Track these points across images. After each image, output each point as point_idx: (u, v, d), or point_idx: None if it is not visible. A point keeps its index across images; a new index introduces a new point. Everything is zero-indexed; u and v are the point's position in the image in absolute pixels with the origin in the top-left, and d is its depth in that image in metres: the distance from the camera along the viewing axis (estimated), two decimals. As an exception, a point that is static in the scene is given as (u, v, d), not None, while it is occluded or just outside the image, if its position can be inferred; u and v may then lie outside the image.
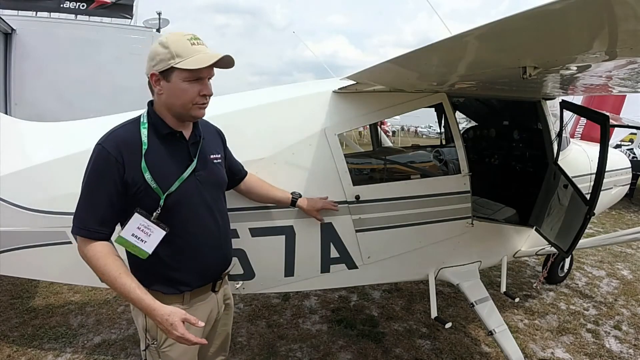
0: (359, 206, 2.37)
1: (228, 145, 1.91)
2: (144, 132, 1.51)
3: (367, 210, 2.39)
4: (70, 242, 2.18)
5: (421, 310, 3.88)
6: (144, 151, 1.48)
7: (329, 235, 2.37)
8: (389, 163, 3.07)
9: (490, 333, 2.61)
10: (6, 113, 4.46)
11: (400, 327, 3.59)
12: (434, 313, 2.64)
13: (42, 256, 2.22)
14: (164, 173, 1.51)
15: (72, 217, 2.12)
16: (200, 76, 1.47)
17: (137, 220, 1.49)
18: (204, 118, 1.62)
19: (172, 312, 1.43)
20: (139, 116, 1.56)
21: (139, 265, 1.54)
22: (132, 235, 1.49)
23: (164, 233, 1.51)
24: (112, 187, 1.45)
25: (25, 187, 2.17)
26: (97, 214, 1.46)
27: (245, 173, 2.05)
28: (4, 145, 2.24)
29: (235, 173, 1.98)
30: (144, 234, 1.50)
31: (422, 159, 3.15)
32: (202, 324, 1.50)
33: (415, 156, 3.18)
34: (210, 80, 1.53)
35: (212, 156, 1.69)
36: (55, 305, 3.73)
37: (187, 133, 1.60)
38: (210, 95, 1.53)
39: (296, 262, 2.37)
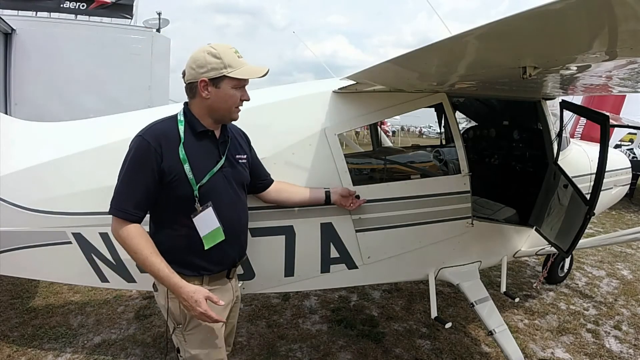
0: (360, 206, 2.37)
1: None
2: (181, 128, 1.68)
3: (367, 210, 2.39)
4: (70, 242, 2.18)
5: (421, 310, 3.88)
6: (181, 144, 1.66)
7: (329, 235, 2.37)
8: (389, 163, 3.07)
9: (490, 333, 2.61)
10: (6, 113, 4.46)
11: (400, 327, 3.59)
12: (434, 313, 2.64)
13: (42, 256, 2.22)
14: (197, 166, 1.67)
15: (72, 217, 2.13)
16: (243, 84, 1.70)
17: (196, 222, 1.67)
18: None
19: (196, 290, 1.61)
20: (176, 114, 1.73)
21: (164, 250, 1.65)
22: (202, 232, 1.69)
23: (210, 208, 1.69)
24: (149, 174, 1.60)
25: (25, 187, 2.17)
26: (135, 198, 1.62)
27: (272, 181, 2.11)
28: (3, 145, 2.24)
29: (259, 177, 2.05)
30: (204, 223, 1.69)
31: (422, 159, 3.15)
32: (222, 302, 1.69)
33: (415, 156, 3.18)
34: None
35: (238, 156, 1.86)
36: (55, 305, 3.73)
37: (217, 133, 1.78)
38: (248, 100, 1.74)
39: (296, 262, 2.37)
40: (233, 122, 1.84)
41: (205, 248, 1.69)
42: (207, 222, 1.69)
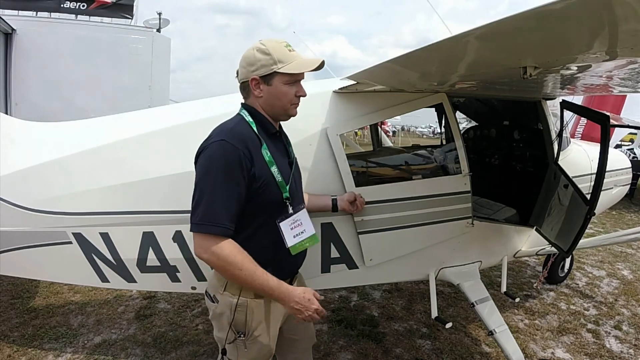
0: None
1: None
2: (255, 130, 1.59)
3: (370, 211, 2.38)
4: (70, 242, 2.18)
5: (421, 310, 3.88)
6: (263, 146, 1.58)
7: (329, 235, 2.37)
8: (390, 163, 3.07)
9: (491, 333, 2.61)
10: (6, 113, 4.46)
11: (400, 327, 3.59)
12: (434, 313, 2.64)
13: (42, 256, 2.22)
14: (280, 169, 1.62)
15: (72, 217, 2.12)
16: (297, 79, 1.61)
17: (285, 227, 1.63)
18: None
19: (305, 290, 1.59)
20: (239, 116, 1.63)
21: (260, 258, 1.59)
22: (294, 237, 1.65)
23: (304, 209, 1.69)
24: (242, 182, 1.49)
25: (26, 187, 2.17)
26: (230, 209, 1.47)
27: None
28: (4, 145, 2.24)
29: None
30: (298, 227, 1.66)
31: (423, 159, 3.14)
32: (322, 297, 1.66)
33: (416, 156, 3.18)
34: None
35: (293, 156, 1.81)
36: (55, 305, 3.73)
37: (277, 126, 1.73)
38: (305, 95, 1.64)
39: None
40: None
41: (293, 253, 1.65)
42: (298, 226, 1.64)
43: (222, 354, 1.70)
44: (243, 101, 1.69)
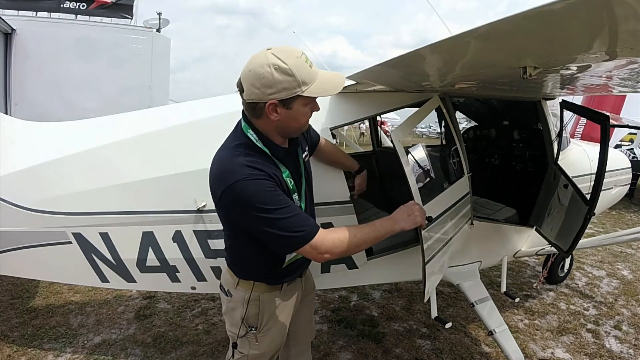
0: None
1: None
2: (270, 153, 1.51)
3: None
4: (70, 242, 2.19)
5: (421, 310, 3.88)
6: (285, 173, 1.55)
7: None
8: (390, 163, 3.07)
9: (491, 333, 2.61)
10: (6, 113, 4.46)
11: (400, 327, 3.59)
12: (434, 313, 2.64)
13: (43, 256, 2.22)
14: (299, 192, 1.63)
15: (72, 217, 2.12)
16: (315, 98, 1.49)
17: None
18: None
19: (401, 209, 1.65)
20: (244, 141, 1.49)
21: (245, 264, 1.69)
22: (291, 254, 1.66)
23: None
24: (285, 196, 1.47)
25: (26, 187, 2.17)
26: (301, 212, 1.50)
27: (319, 137, 2.07)
28: (3, 145, 2.24)
29: (315, 144, 2.03)
30: None
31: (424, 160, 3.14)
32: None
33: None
34: None
35: (304, 154, 1.75)
36: (55, 305, 3.73)
37: (287, 141, 1.62)
38: (319, 110, 1.55)
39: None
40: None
41: (284, 266, 1.67)
42: None
43: (234, 348, 1.76)
44: (247, 117, 1.53)
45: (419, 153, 2.35)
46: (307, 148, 1.79)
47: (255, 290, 1.68)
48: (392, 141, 1.90)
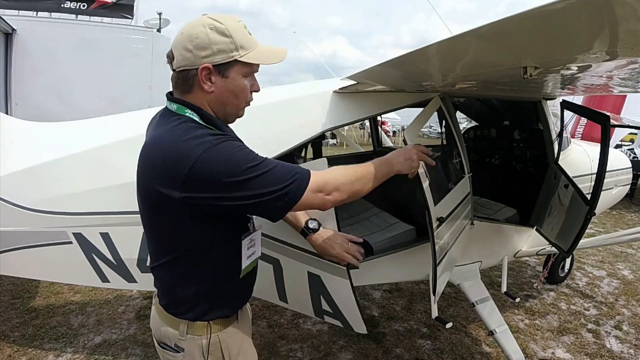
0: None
1: None
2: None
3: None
4: (70, 242, 2.18)
5: (422, 310, 3.88)
6: None
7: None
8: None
9: (491, 333, 2.61)
10: (6, 113, 4.46)
11: (400, 327, 3.59)
12: (434, 313, 2.63)
13: (42, 256, 2.22)
14: None
15: (72, 217, 2.12)
16: (255, 70, 1.29)
17: (244, 245, 1.37)
18: None
19: (407, 149, 1.56)
20: (187, 119, 1.23)
21: (193, 297, 1.31)
22: (247, 258, 1.39)
23: (259, 231, 1.45)
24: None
25: (25, 187, 2.17)
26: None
27: None
28: (4, 145, 2.24)
29: None
30: (252, 247, 1.41)
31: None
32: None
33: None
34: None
35: None
36: (55, 305, 3.73)
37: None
38: (259, 91, 1.35)
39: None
40: None
41: (241, 276, 1.38)
42: (252, 246, 1.41)
43: None
44: (174, 95, 1.29)
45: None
46: None
47: (214, 331, 1.32)
48: (404, 142, 1.89)
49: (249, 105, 1.35)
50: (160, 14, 8.81)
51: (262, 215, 1.26)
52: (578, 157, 3.68)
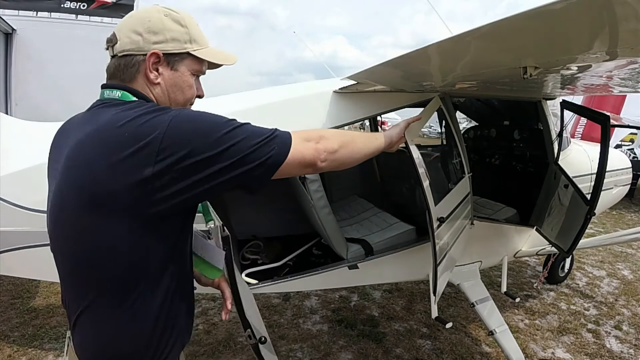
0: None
1: None
2: None
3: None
4: (70, 242, 2.18)
5: (422, 310, 3.88)
6: None
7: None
8: (391, 163, 3.07)
9: (491, 333, 2.61)
10: (6, 113, 4.46)
11: (400, 327, 3.59)
12: (434, 313, 2.64)
13: (42, 256, 2.21)
14: None
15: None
16: (202, 72, 1.17)
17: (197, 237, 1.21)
18: None
19: (397, 126, 1.56)
20: (139, 104, 1.04)
21: (169, 323, 1.10)
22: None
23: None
24: None
25: (26, 187, 2.17)
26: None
27: None
28: (4, 145, 2.24)
29: None
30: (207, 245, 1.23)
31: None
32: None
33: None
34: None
35: None
36: (56, 305, 3.73)
37: None
38: (203, 97, 1.24)
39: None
40: None
41: (213, 278, 1.29)
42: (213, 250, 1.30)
43: None
44: (113, 83, 1.10)
45: (428, 154, 2.35)
46: None
47: None
48: (405, 142, 1.88)
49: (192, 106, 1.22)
50: (160, 14, 8.81)
51: (251, 174, 1.02)
52: (578, 157, 3.68)
